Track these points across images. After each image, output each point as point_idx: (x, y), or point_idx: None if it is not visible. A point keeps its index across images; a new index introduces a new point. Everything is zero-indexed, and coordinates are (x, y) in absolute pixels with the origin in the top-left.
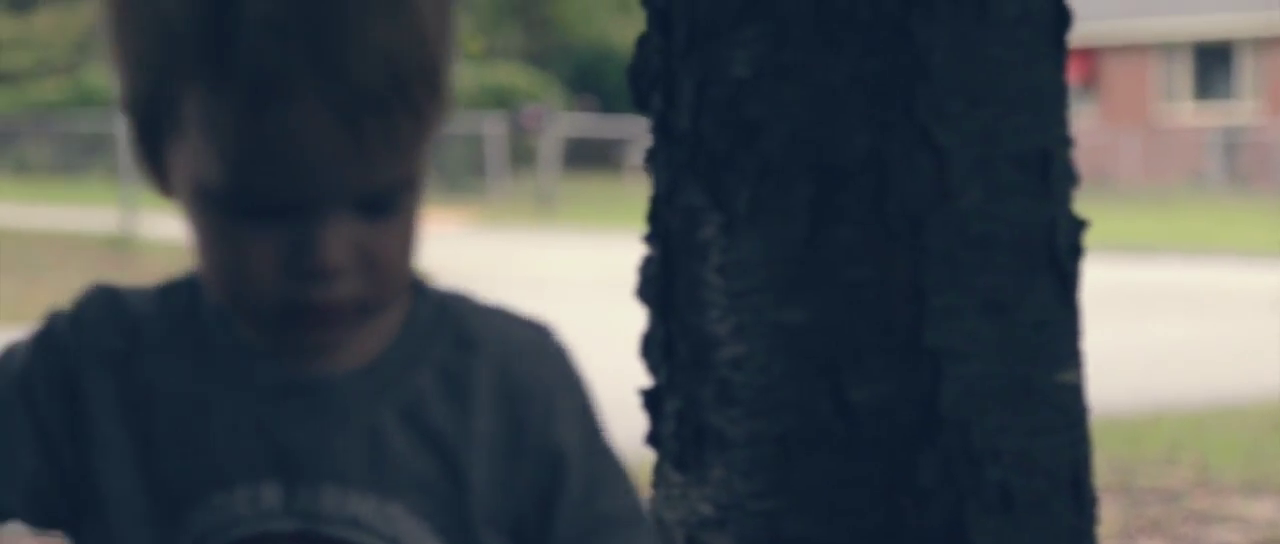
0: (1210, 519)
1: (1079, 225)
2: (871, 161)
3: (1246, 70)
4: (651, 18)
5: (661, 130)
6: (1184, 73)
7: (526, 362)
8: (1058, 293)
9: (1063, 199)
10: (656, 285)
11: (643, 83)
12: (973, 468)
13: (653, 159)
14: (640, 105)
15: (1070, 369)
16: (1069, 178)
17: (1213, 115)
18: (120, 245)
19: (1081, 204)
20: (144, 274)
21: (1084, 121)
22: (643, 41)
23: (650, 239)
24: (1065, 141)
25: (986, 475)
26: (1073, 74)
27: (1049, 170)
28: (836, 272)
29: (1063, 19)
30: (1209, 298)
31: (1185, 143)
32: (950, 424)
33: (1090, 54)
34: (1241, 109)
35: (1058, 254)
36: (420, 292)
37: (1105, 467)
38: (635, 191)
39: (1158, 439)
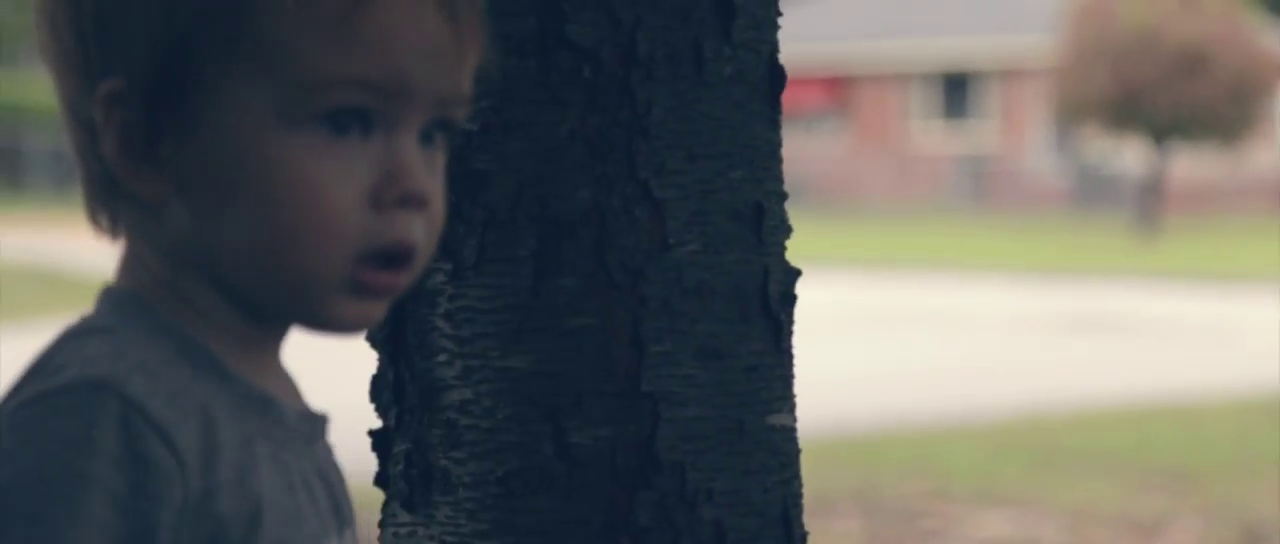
0: (948, 531)
1: (793, 274)
2: (593, 214)
3: (991, 95)
4: None
5: None
6: (930, 97)
7: None
8: (771, 339)
9: (776, 250)
10: (386, 330)
11: None
12: (688, 508)
13: None
14: None
15: (783, 412)
16: (782, 229)
17: (957, 139)
18: None
19: (831, 225)
20: None
21: (835, 145)
22: None
23: None
24: (779, 195)
25: (701, 515)
26: (827, 98)
27: (762, 222)
28: (559, 319)
29: (777, 79)
30: (949, 315)
31: (931, 165)
32: (667, 466)
33: (841, 80)
34: (985, 132)
35: (770, 302)
36: None
37: (847, 481)
38: None
39: (897, 454)
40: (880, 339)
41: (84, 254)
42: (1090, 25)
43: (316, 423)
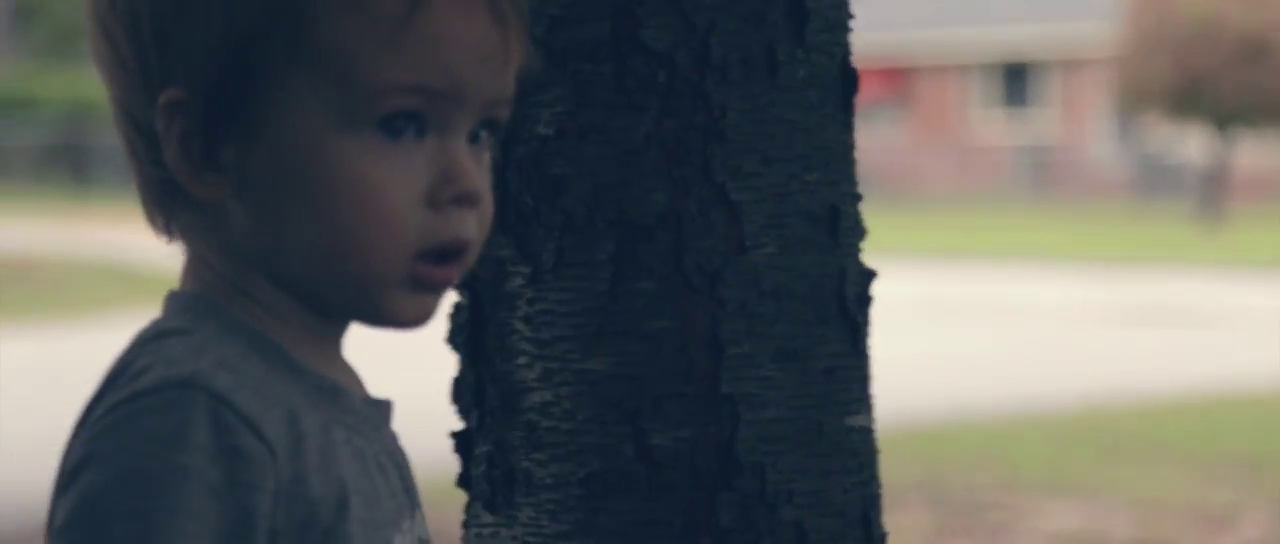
0: (1016, 523)
1: (868, 276)
2: (670, 217)
3: (1051, 84)
4: None
5: None
6: (991, 87)
7: None
8: (848, 340)
9: (852, 251)
10: (466, 333)
11: None
12: (768, 509)
13: None
14: None
15: (860, 413)
16: (857, 231)
17: (1018, 128)
18: None
19: (893, 215)
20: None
21: (896, 135)
22: None
23: (461, 288)
24: (853, 197)
25: (781, 516)
26: (887, 89)
27: (838, 224)
28: (638, 322)
29: (850, 81)
30: (1012, 306)
31: (992, 155)
32: (747, 467)
33: (901, 72)
34: (1046, 121)
35: (847, 304)
36: None
37: (913, 472)
38: None
39: (964, 445)
40: (943, 330)
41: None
42: (1151, 13)
43: (383, 408)
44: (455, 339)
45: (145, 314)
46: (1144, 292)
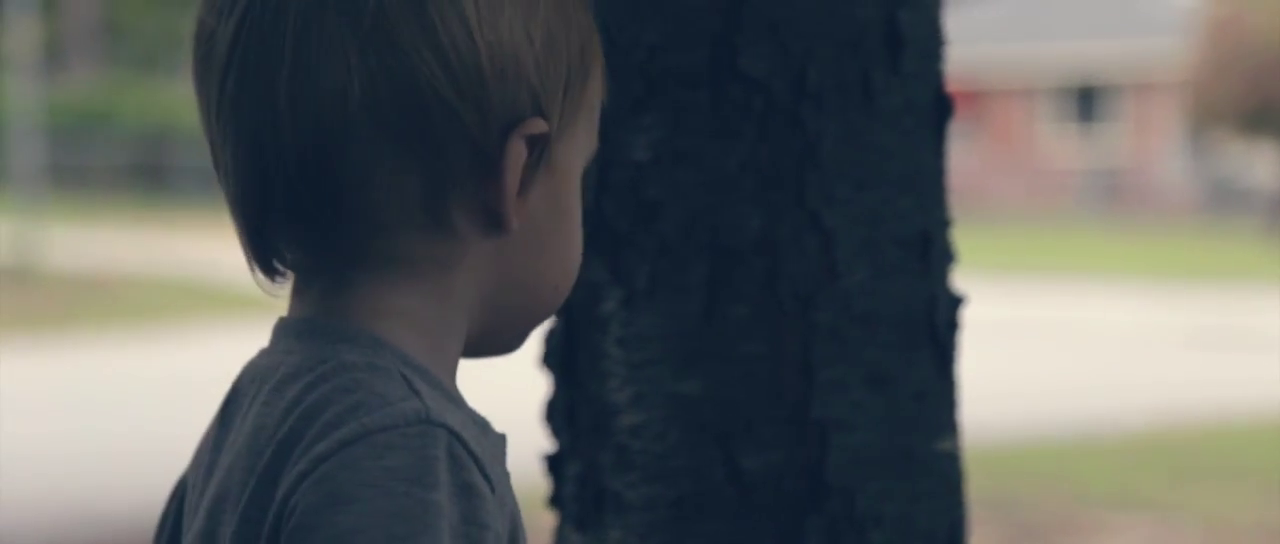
0: (1086, 540)
1: (957, 302)
2: (763, 242)
3: (1122, 106)
4: None
5: None
6: (1061, 108)
7: None
8: (937, 366)
9: (942, 277)
10: (560, 355)
11: None
12: (857, 532)
13: None
14: None
15: (948, 438)
16: (948, 257)
17: (1088, 149)
18: (18, 277)
19: (963, 236)
20: (46, 307)
21: (967, 156)
22: None
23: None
24: (944, 223)
25: (870, 539)
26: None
27: (929, 250)
28: (730, 346)
29: (943, 108)
30: (1080, 325)
31: (1062, 177)
32: (836, 491)
33: (972, 94)
34: (1116, 141)
35: (937, 330)
36: None
37: (984, 491)
38: None
39: (1033, 464)
40: (1013, 349)
41: (233, 266)
42: (1225, 35)
43: (505, 441)
44: (549, 361)
45: (223, 329)
46: (1213, 312)
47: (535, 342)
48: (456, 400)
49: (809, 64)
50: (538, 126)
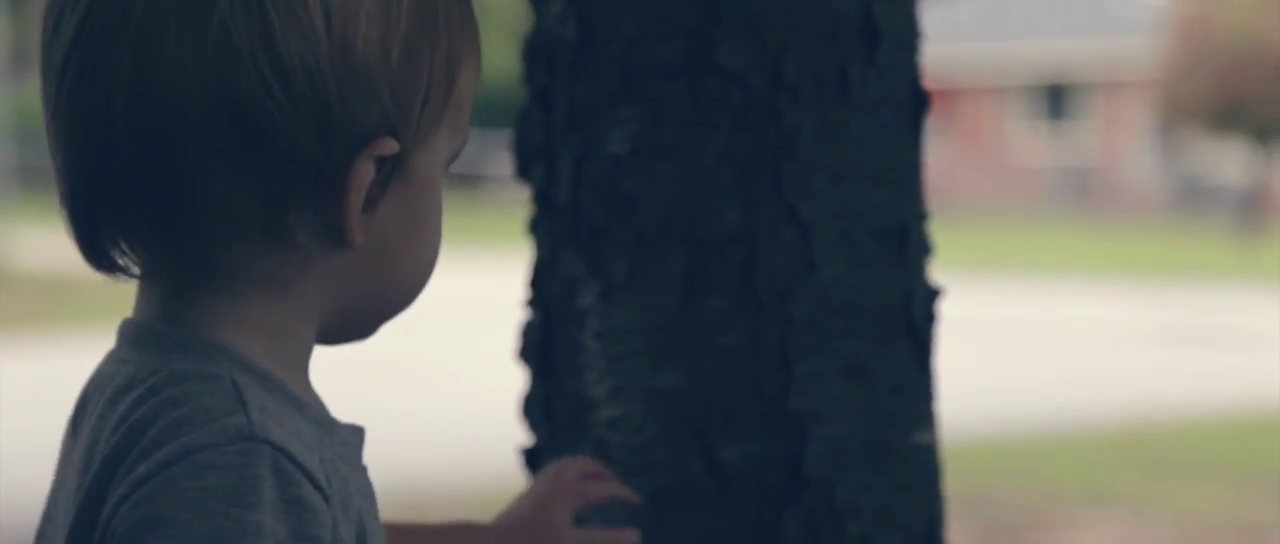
0: (1058, 539)
1: (934, 294)
2: (741, 235)
3: (1091, 104)
4: (533, 96)
5: (542, 202)
6: (1032, 105)
7: None
8: (914, 358)
9: (919, 269)
10: (537, 349)
11: (524, 156)
12: (835, 524)
13: (534, 229)
14: (522, 177)
15: (926, 430)
16: (924, 249)
17: (1058, 147)
18: None
19: (934, 233)
20: (14, 309)
21: (938, 154)
22: (524, 117)
23: (531, 305)
24: (921, 215)
25: (848, 531)
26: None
27: (906, 243)
28: (708, 338)
29: (920, 101)
30: (1051, 323)
31: (1031, 174)
32: (814, 483)
33: (943, 92)
34: (1086, 139)
35: (914, 322)
36: None
37: (956, 488)
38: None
39: (1006, 461)
40: (984, 346)
41: None
42: (1193, 33)
43: (360, 435)
44: (526, 355)
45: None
46: (1184, 309)
47: (512, 335)
48: (298, 403)
49: (786, 57)
50: (388, 147)
